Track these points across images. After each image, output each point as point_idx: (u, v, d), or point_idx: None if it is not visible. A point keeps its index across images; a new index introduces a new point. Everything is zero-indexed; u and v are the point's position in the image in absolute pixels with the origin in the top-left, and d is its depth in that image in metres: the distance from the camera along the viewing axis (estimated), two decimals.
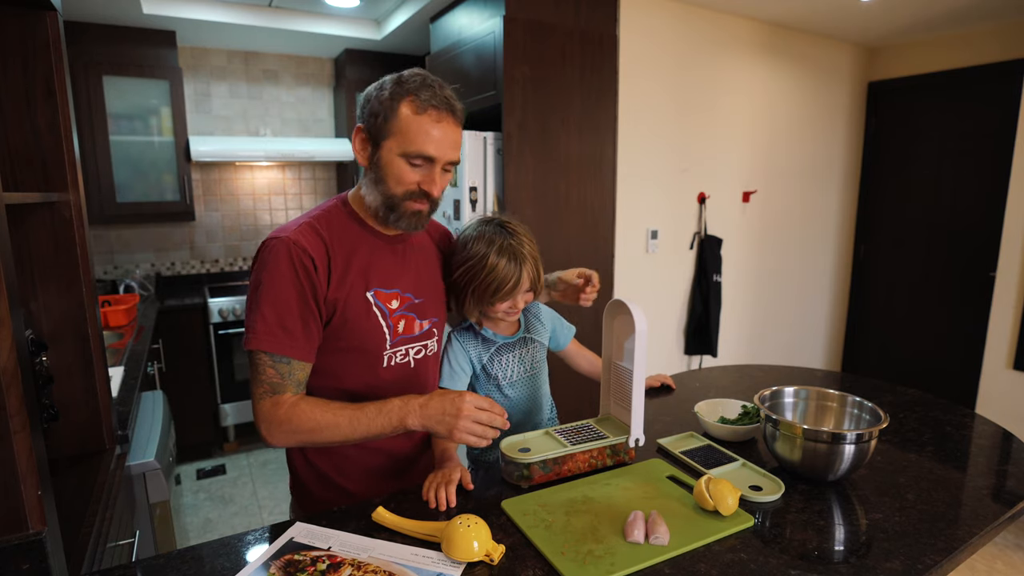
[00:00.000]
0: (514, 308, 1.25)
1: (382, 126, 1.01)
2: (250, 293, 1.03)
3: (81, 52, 2.95)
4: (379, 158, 1.03)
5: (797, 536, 0.94)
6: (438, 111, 1.01)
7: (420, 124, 1.00)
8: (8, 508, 0.93)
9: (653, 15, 2.79)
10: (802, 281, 3.80)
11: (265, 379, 1.02)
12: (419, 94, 1.00)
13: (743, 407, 1.37)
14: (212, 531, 2.65)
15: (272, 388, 1.02)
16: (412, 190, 1.04)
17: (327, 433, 1.01)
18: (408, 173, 1.03)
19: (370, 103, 1.03)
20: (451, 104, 1.03)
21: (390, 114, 1.00)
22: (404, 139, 1.01)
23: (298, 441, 1.02)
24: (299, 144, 3.60)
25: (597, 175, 2.67)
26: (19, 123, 1.20)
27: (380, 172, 1.04)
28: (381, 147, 1.03)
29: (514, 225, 1.24)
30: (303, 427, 1.00)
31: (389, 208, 1.06)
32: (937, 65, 3.50)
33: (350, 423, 1.01)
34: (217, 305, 3.26)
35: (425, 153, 1.01)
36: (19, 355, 0.91)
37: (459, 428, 0.98)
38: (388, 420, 1.01)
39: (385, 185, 1.04)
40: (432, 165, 1.04)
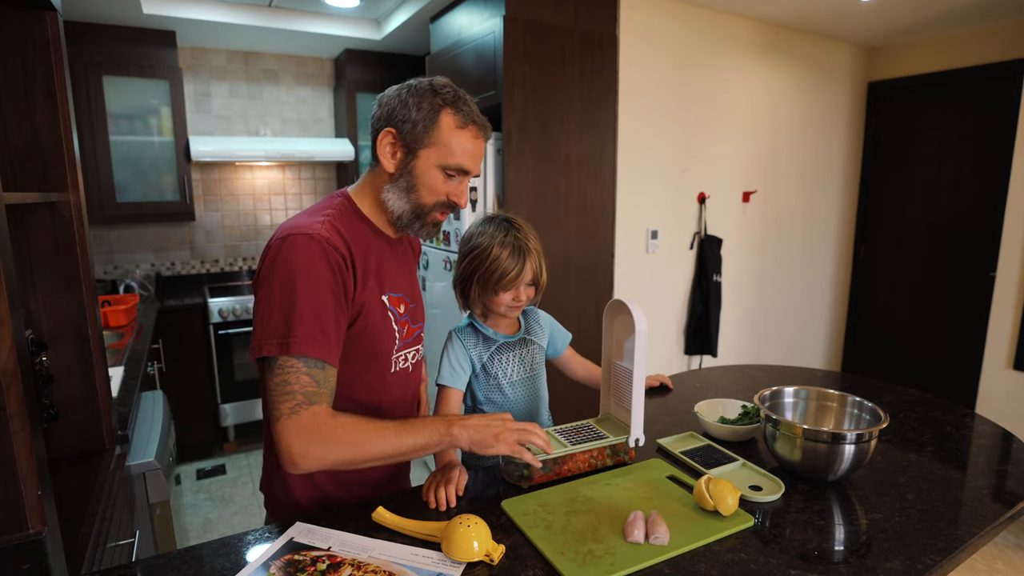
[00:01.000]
0: (517, 300, 1.26)
1: (421, 135, 1.00)
2: (275, 291, 0.92)
3: (81, 52, 2.95)
4: (414, 167, 1.02)
5: (797, 536, 0.94)
6: (477, 127, 1.03)
7: (461, 138, 1.01)
8: (8, 508, 0.93)
9: (653, 15, 2.79)
10: (802, 281, 3.80)
11: (298, 388, 0.90)
12: (458, 107, 1.01)
13: (743, 407, 1.37)
14: (212, 531, 2.65)
15: (308, 398, 0.91)
16: (443, 201, 1.05)
17: (372, 449, 0.93)
18: (442, 184, 1.03)
19: (404, 109, 1.01)
20: (486, 124, 1.06)
21: (430, 124, 1.00)
22: (445, 151, 1.01)
23: (334, 461, 0.92)
24: (299, 144, 3.60)
25: (597, 175, 2.67)
26: (19, 123, 1.20)
27: (413, 181, 1.03)
28: (418, 156, 1.01)
29: (519, 221, 1.28)
30: (348, 441, 0.91)
31: (416, 216, 1.05)
32: (937, 65, 3.50)
33: (397, 435, 0.94)
34: (217, 305, 3.26)
35: (464, 167, 1.03)
36: (19, 355, 0.91)
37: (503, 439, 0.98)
38: (435, 429, 0.97)
39: (417, 194, 1.03)
40: (464, 178, 1.05)
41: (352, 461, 0.93)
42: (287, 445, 0.90)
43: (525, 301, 1.28)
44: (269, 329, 0.91)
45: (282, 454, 0.90)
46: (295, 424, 0.90)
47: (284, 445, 0.90)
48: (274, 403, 0.91)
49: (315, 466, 0.91)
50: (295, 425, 0.90)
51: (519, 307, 1.29)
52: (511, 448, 0.99)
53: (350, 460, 0.93)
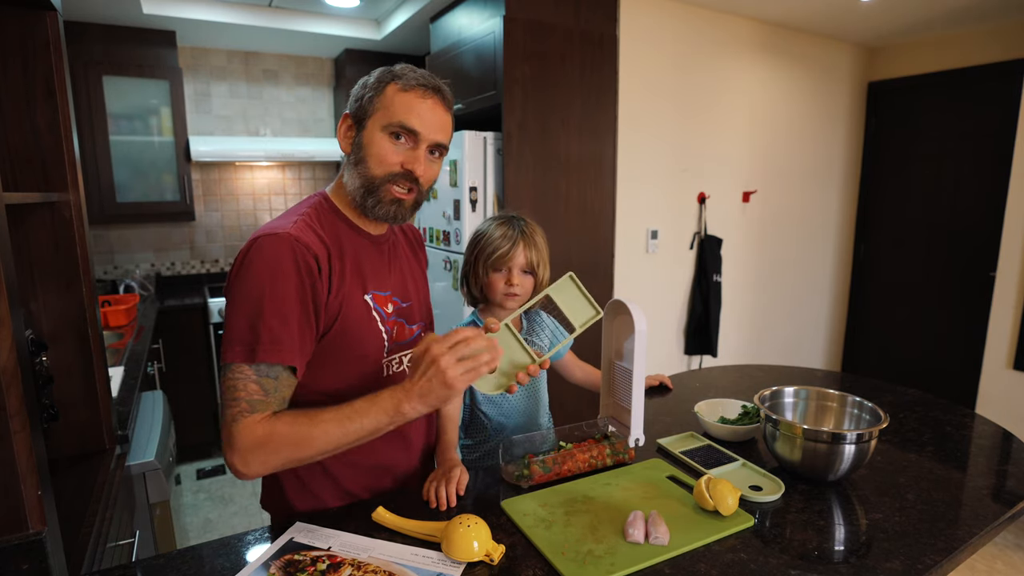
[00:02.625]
0: (510, 285, 1.28)
1: (366, 107, 0.98)
2: (238, 296, 0.89)
3: (81, 52, 2.95)
4: (362, 137, 0.98)
5: (797, 536, 0.94)
6: (424, 89, 0.97)
7: (405, 98, 0.96)
8: (8, 508, 0.93)
9: (653, 15, 2.79)
10: (802, 281, 3.80)
11: (243, 396, 0.87)
12: (406, 76, 0.98)
13: (743, 407, 1.37)
14: (212, 531, 2.65)
15: (251, 407, 0.87)
16: (394, 171, 0.98)
17: (315, 444, 0.88)
18: (390, 152, 0.97)
19: (357, 91, 1.01)
20: (438, 85, 0.99)
21: (375, 95, 0.98)
22: (387, 112, 0.96)
23: (280, 463, 0.89)
24: (299, 144, 3.60)
25: (597, 175, 2.67)
26: (19, 123, 1.20)
27: (362, 152, 0.98)
28: (365, 126, 0.98)
29: (527, 217, 1.34)
30: (286, 441, 0.87)
31: (368, 191, 0.99)
32: (937, 65, 3.50)
33: (339, 424, 0.88)
34: (217, 305, 3.26)
35: (408, 124, 0.96)
36: (19, 355, 0.91)
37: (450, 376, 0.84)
38: (382, 409, 0.88)
39: (365, 165, 0.98)
40: (417, 143, 0.98)
41: (298, 460, 0.89)
42: (229, 452, 0.87)
43: (521, 291, 1.28)
44: (234, 335, 0.89)
45: (226, 461, 0.88)
46: (235, 432, 0.87)
47: (226, 452, 0.88)
48: (223, 406, 0.90)
49: (258, 471, 0.88)
50: (235, 433, 0.87)
51: (514, 295, 1.29)
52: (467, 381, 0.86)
53: (295, 459, 0.89)
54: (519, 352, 1.00)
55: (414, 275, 1.17)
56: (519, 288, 1.29)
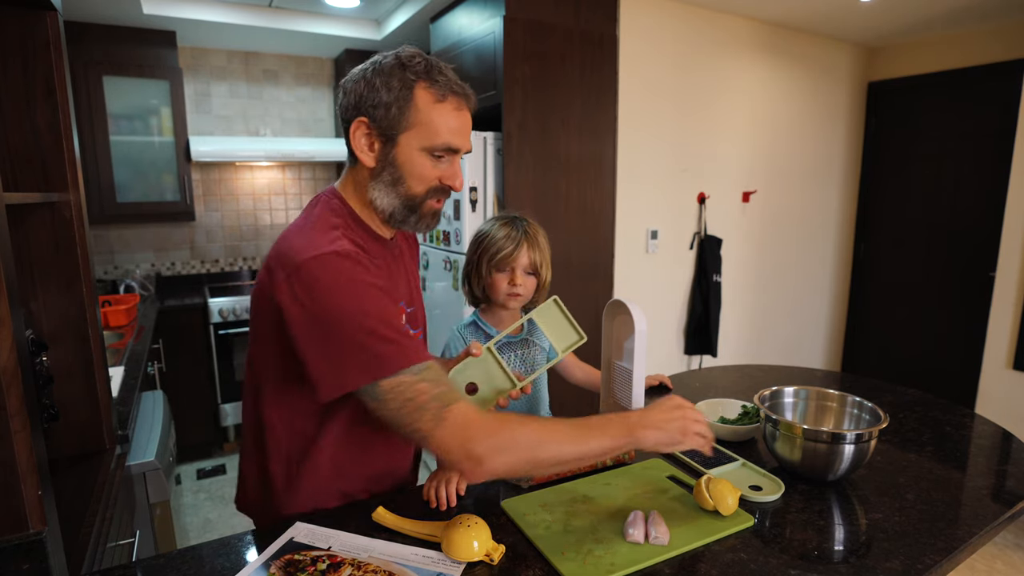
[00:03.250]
0: (513, 286, 1.29)
1: (397, 118, 0.89)
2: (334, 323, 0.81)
3: (81, 52, 2.95)
4: (395, 156, 0.91)
5: (797, 536, 0.94)
6: (457, 98, 0.92)
7: (442, 113, 0.90)
8: (8, 508, 0.93)
9: (653, 15, 2.79)
10: (802, 281, 3.80)
11: (424, 399, 0.81)
12: (433, 78, 0.90)
13: (743, 407, 1.37)
14: (212, 531, 2.65)
15: (442, 402, 0.82)
16: (434, 186, 0.94)
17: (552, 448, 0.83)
18: (431, 169, 0.93)
19: (373, 93, 0.89)
20: (466, 90, 0.94)
21: (405, 104, 0.89)
22: (427, 131, 0.90)
23: (518, 460, 0.82)
24: (299, 144, 3.60)
25: (597, 175, 2.67)
26: (19, 123, 1.20)
27: (399, 171, 0.92)
28: (397, 143, 0.91)
29: (528, 217, 1.35)
30: (522, 440, 0.82)
31: (409, 210, 0.95)
32: (937, 65, 3.50)
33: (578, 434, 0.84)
34: (217, 305, 3.26)
35: (452, 145, 0.92)
36: (19, 355, 0.91)
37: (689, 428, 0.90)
38: (618, 431, 0.87)
39: (405, 186, 0.93)
40: (454, 157, 0.95)
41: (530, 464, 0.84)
42: (460, 451, 0.81)
43: (523, 292, 1.29)
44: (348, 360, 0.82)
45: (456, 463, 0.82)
46: (451, 431, 0.81)
47: (456, 453, 0.81)
48: (409, 426, 0.82)
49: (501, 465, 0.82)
50: (452, 431, 0.81)
51: (517, 296, 1.30)
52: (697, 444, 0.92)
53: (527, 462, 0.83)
54: (500, 377, 1.01)
55: (414, 278, 1.16)
56: (522, 288, 1.30)
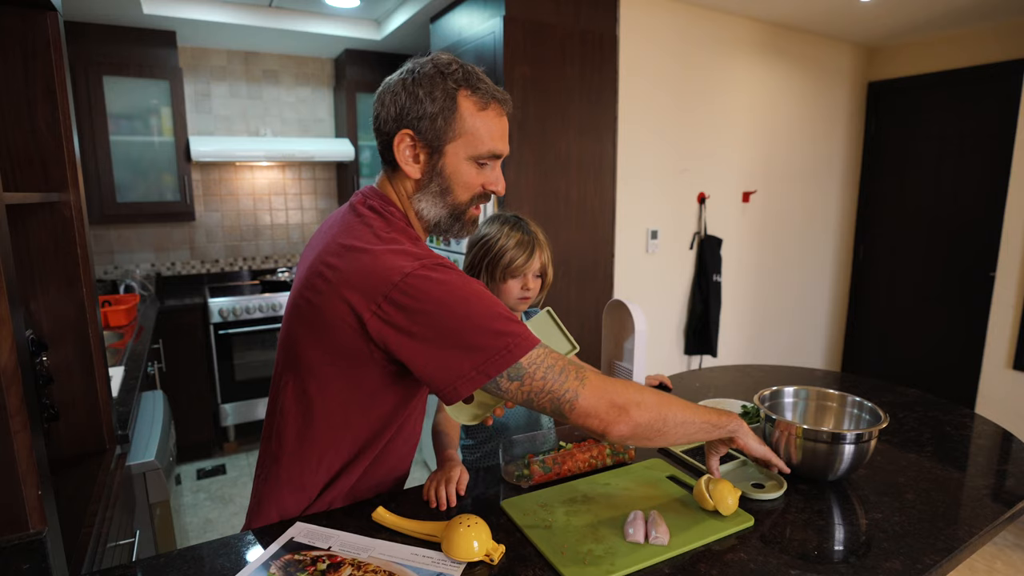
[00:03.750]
0: (526, 290, 1.30)
1: (443, 129, 0.89)
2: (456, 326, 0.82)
3: (81, 52, 2.95)
4: (443, 166, 0.91)
5: (797, 536, 0.94)
6: (498, 104, 0.93)
7: (486, 121, 0.91)
8: (8, 508, 0.93)
9: (653, 15, 2.79)
10: (802, 281, 3.80)
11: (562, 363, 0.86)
12: (474, 86, 0.91)
13: (743, 407, 1.37)
14: (212, 531, 2.65)
15: (577, 369, 0.87)
16: (477, 193, 0.95)
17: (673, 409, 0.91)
18: (476, 176, 0.94)
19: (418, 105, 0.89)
20: (505, 96, 0.95)
21: (450, 114, 0.89)
22: (474, 140, 0.91)
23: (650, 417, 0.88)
24: (299, 144, 3.60)
25: (597, 175, 2.67)
26: (19, 123, 1.20)
27: (447, 182, 0.92)
28: (444, 153, 0.91)
29: (525, 217, 1.35)
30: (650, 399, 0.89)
31: (454, 219, 0.96)
32: (937, 65, 3.50)
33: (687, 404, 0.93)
34: (217, 305, 3.26)
35: (496, 152, 0.93)
36: (19, 355, 0.91)
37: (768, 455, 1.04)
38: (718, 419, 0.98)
39: (453, 195, 0.93)
40: (496, 162, 0.96)
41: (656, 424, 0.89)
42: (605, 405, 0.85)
43: (533, 293, 1.30)
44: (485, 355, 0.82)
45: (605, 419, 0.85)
46: (591, 388, 0.86)
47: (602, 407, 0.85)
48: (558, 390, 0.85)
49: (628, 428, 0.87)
50: (592, 389, 0.86)
51: (527, 299, 1.31)
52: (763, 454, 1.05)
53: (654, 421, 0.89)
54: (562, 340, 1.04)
55: None
56: (533, 292, 1.32)
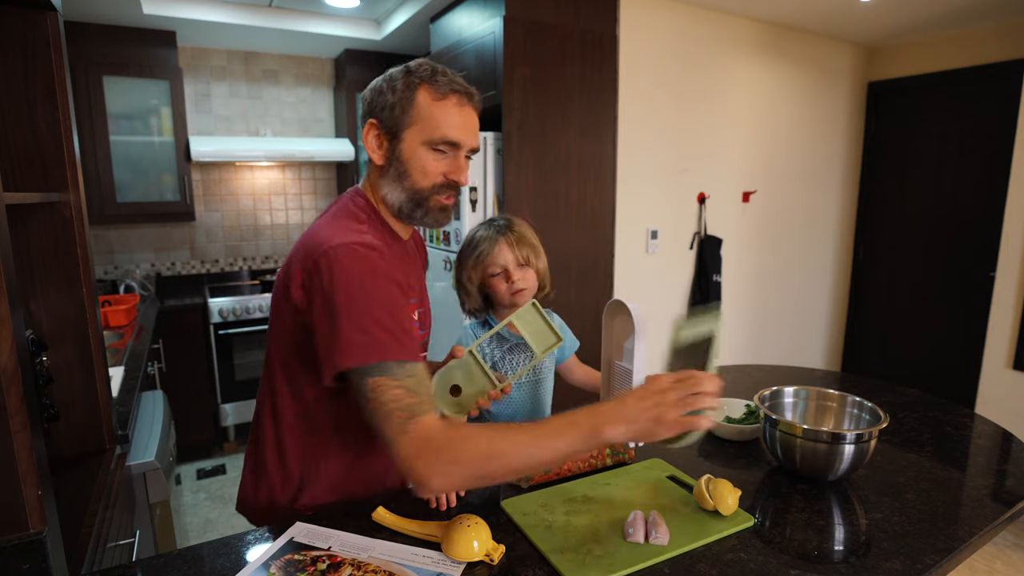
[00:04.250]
0: (512, 283, 1.27)
1: (400, 117, 0.96)
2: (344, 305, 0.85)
3: (81, 52, 2.95)
4: (400, 151, 0.97)
5: (797, 536, 0.94)
6: (458, 95, 0.97)
7: (442, 109, 0.95)
8: (8, 508, 0.93)
9: (653, 15, 2.79)
10: (802, 281, 3.80)
11: (394, 405, 0.83)
12: (435, 79, 0.96)
13: (747, 406, 1.37)
14: (212, 531, 2.65)
15: (410, 412, 0.83)
16: (439, 182, 0.98)
17: (503, 460, 0.82)
18: (433, 163, 0.97)
19: (381, 96, 0.97)
20: (468, 89, 0.99)
21: (407, 103, 0.95)
22: (427, 126, 0.95)
23: (464, 477, 0.83)
24: (299, 144, 3.60)
25: (597, 175, 2.67)
26: (19, 123, 1.20)
27: (403, 166, 0.97)
28: (402, 139, 0.96)
29: (511, 217, 1.34)
30: (470, 454, 0.81)
31: (416, 204, 0.99)
32: (937, 65, 3.50)
33: (533, 441, 0.83)
34: (217, 305, 3.26)
35: (450, 138, 0.96)
36: (19, 355, 0.91)
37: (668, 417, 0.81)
38: (579, 431, 0.84)
39: (411, 179, 0.98)
40: (457, 152, 0.99)
41: (482, 478, 0.85)
42: (410, 467, 0.82)
43: (526, 285, 1.28)
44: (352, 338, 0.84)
45: (410, 478, 0.83)
46: (408, 442, 0.82)
47: (407, 468, 0.83)
48: (381, 428, 0.85)
49: (440, 484, 0.82)
50: (408, 443, 0.82)
51: (520, 291, 1.28)
52: (682, 427, 0.83)
53: (479, 477, 0.84)
54: (481, 379, 1.03)
55: (422, 279, 1.18)
56: (522, 283, 1.28)
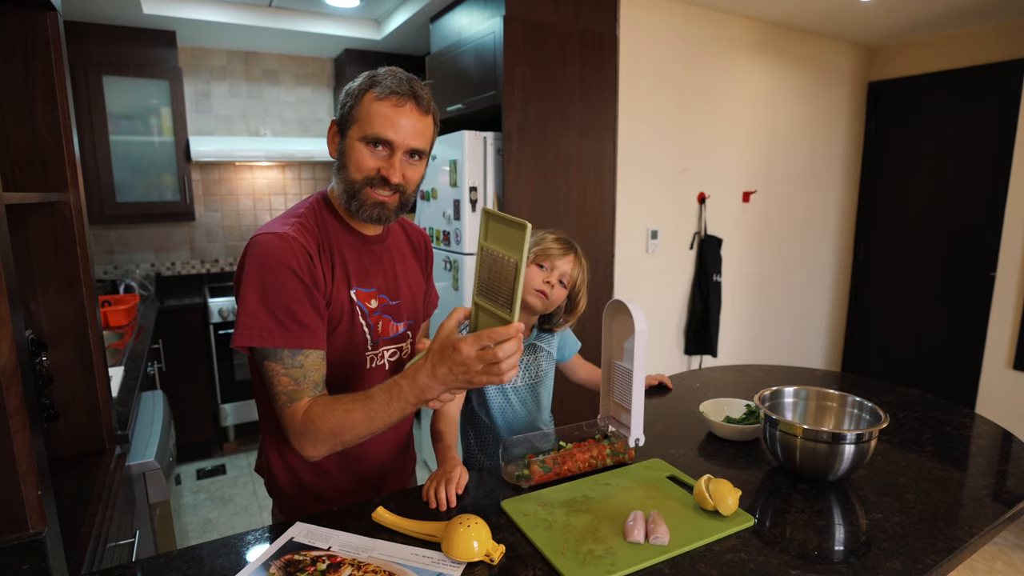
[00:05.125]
0: (547, 283, 1.28)
1: (347, 116, 1.03)
2: (249, 287, 0.97)
3: (81, 52, 2.95)
4: (345, 147, 1.04)
5: (797, 536, 0.94)
6: (399, 96, 1.00)
7: (380, 108, 1.00)
8: (8, 508, 0.93)
9: (653, 15, 2.79)
10: (802, 281, 3.80)
11: (280, 389, 0.98)
12: (383, 83, 1.01)
13: (747, 406, 1.38)
14: (212, 531, 2.65)
15: (289, 397, 0.98)
16: (371, 176, 1.02)
17: (349, 433, 0.95)
18: (367, 158, 1.02)
19: (344, 98, 1.05)
20: (414, 90, 1.02)
21: (356, 103, 1.02)
22: (364, 123, 1.01)
23: (329, 447, 0.97)
24: (299, 144, 3.60)
25: (597, 175, 2.67)
26: (19, 123, 1.20)
27: (344, 159, 1.04)
28: (346, 135, 1.03)
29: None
30: (323, 431, 0.95)
31: (351, 196, 1.04)
32: (937, 65, 3.50)
33: (367, 417, 0.94)
34: (217, 305, 3.26)
35: (383, 136, 1.00)
36: (19, 355, 0.91)
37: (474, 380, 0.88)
38: (403, 402, 0.93)
39: (346, 171, 1.04)
40: (392, 151, 1.02)
41: (340, 445, 0.97)
42: (292, 439, 0.98)
43: (552, 296, 1.28)
44: (246, 324, 0.96)
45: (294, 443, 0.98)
46: (286, 420, 0.98)
47: (290, 439, 0.98)
48: (275, 403, 1.00)
49: (313, 454, 0.97)
50: (287, 421, 0.98)
51: (543, 295, 1.28)
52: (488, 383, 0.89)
53: (340, 444, 0.97)
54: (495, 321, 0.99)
55: (408, 276, 1.20)
56: (551, 291, 1.29)
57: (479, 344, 0.86)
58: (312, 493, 1.14)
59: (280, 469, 1.13)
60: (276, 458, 1.13)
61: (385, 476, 1.21)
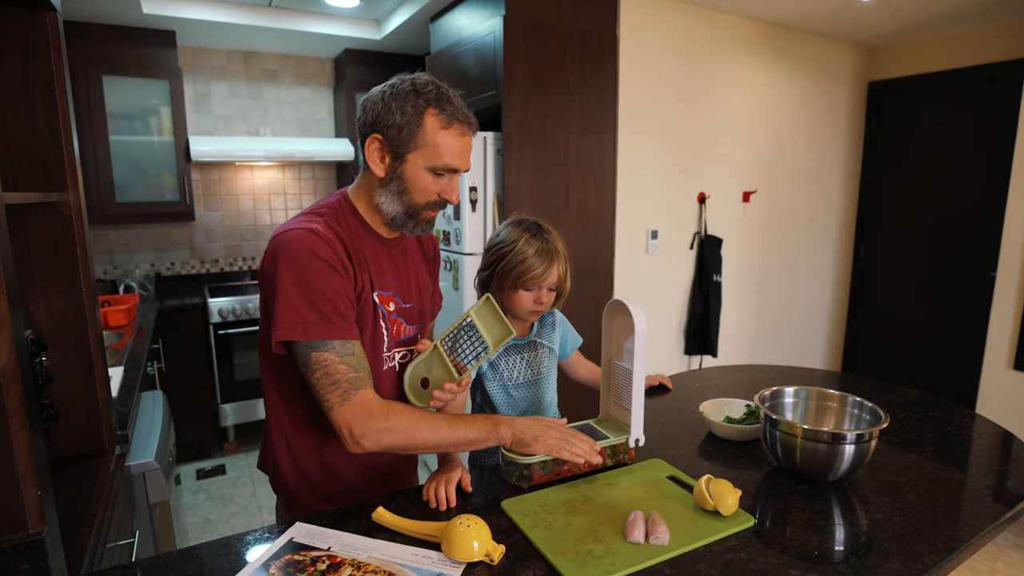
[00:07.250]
0: (539, 303, 1.27)
1: (407, 139, 1.02)
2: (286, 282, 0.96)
3: (81, 52, 2.95)
4: (403, 171, 1.04)
5: (797, 536, 0.94)
6: (462, 125, 1.04)
7: (447, 139, 1.03)
8: (8, 508, 0.93)
9: (653, 15, 2.79)
10: (802, 281, 3.80)
11: (341, 377, 0.97)
12: (442, 106, 1.02)
13: (747, 406, 1.37)
14: (212, 531, 2.65)
15: (352, 384, 0.98)
16: (433, 200, 1.07)
17: (424, 433, 1.00)
18: (432, 184, 1.06)
19: (388, 115, 1.02)
20: (471, 118, 1.07)
21: (415, 127, 1.02)
22: (432, 153, 1.03)
23: (392, 441, 0.99)
24: (299, 144, 3.60)
25: (597, 175, 2.67)
26: (19, 123, 1.20)
27: (404, 184, 1.05)
28: (406, 160, 1.04)
29: (548, 225, 1.31)
30: (401, 425, 0.98)
31: (409, 216, 1.08)
32: (937, 65, 3.50)
33: (449, 425, 1.01)
34: (217, 305, 3.26)
35: (452, 167, 1.05)
36: (19, 355, 0.91)
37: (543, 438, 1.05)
38: (483, 427, 1.04)
39: (410, 196, 1.06)
40: (454, 176, 1.08)
41: (405, 447, 1.00)
42: (347, 428, 0.97)
43: (546, 307, 1.28)
44: (287, 316, 0.96)
45: (343, 437, 0.98)
46: (349, 409, 0.97)
47: (344, 428, 0.97)
48: (322, 395, 0.98)
49: (373, 445, 0.98)
50: (349, 410, 0.97)
51: (539, 311, 1.29)
52: (547, 449, 1.05)
53: (403, 445, 1.00)
54: (442, 370, 1.10)
55: (419, 279, 1.22)
56: (546, 306, 1.28)
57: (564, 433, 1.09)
58: (319, 491, 1.13)
59: (287, 466, 1.13)
60: (284, 455, 1.13)
61: (391, 475, 1.22)
